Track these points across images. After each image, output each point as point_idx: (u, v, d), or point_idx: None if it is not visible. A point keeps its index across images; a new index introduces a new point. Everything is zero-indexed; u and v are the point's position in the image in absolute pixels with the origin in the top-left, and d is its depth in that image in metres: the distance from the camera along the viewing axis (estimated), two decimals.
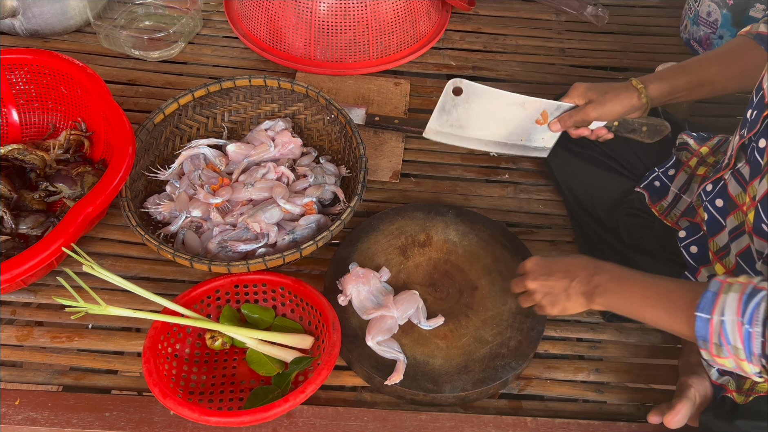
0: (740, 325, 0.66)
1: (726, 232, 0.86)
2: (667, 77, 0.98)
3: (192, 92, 1.14)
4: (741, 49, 0.95)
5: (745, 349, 0.66)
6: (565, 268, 0.86)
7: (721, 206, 0.87)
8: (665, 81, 0.98)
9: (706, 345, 0.69)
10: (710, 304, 0.68)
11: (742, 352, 0.67)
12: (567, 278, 0.85)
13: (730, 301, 0.67)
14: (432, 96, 1.37)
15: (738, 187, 0.84)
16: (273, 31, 1.36)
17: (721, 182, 0.87)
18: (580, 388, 0.98)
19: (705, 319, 0.68)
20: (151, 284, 1.05)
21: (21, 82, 1.14)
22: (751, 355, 0.66)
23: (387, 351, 0.93)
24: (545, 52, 1.47)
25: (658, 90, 0.97)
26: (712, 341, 0.68)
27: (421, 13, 1.40)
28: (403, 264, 1.05)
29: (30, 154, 1.09)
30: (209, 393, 0.92)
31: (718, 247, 0.88)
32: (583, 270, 0.84)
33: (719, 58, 0.97)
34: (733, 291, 0.68)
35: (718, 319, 0.67)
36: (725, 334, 0.67)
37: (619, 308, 0.81)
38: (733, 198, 0.85)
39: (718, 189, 0.87)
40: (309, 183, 1.09)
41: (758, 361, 0.66)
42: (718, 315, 0.67)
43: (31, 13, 1.33)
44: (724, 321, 0.67)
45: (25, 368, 0.96)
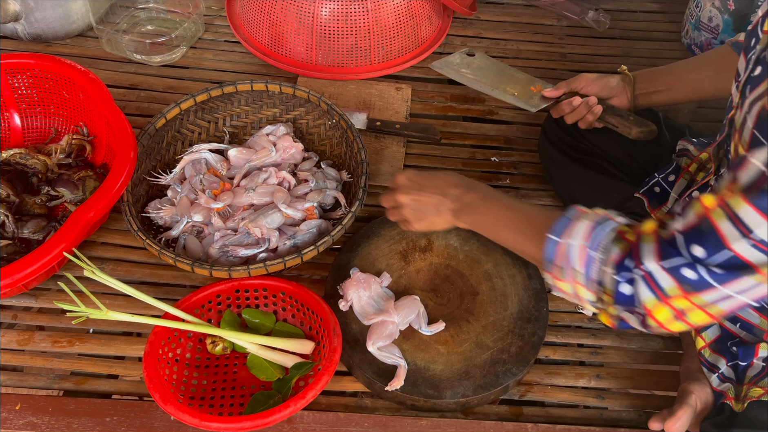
0: (585, 250, 0.69)
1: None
2: (651, 71, 1.07)
3: (194, 97, 1.14)
4: (718, 54, 1.03)
5: (585, 273, 0.69)
6: (438, 184, 0.89)
7: None
8: (647, 73, 1.07)
9: (549, 267, 0.73)
10: (563, 228, 0.72)
11: (580, 276, 0.70)
12: (439, 194, 0.88)
13: (581, 227, 0.71)
14: (433, 101, 1.37)
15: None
16: (275, 36, 1.36)
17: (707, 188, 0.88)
18: (581, 394, 0.98)
19: (555, 241, 0.71)
20: (152, 289, 1.05)
21: (23, 86, 1.14)
22: (588, 281, 0.70)
23: (388, 356, 0.93)
24: (546, 57, 1.47)
25: (640, 77, 1.06)
26: (556, 264, 0.71)
27: (423, 18, 1.40)
28: (404, 269, 1.05)
29: (32, 158, 1.09)
30: (209, 398, 0.92)
31: None
32: (456, 188, 0.88)
33: (696, 61, 1.07)
34: (586, 219, 0.71)
35: (567, 243, 0.70)
36: (570, 257, 0.70)
37: (481, 227, 0.85)
38: None
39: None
40: (310, 188, 1.09)
41: (593, 287, 0.70)
42: (568, 238, 0.70)
43: (33, 17, 1.33)
44: (572, 245, 0.70)
45: (25, 373, 0.97)
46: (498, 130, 1.33)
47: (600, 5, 1.59)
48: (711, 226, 0.62)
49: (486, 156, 1.28)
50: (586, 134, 1.11)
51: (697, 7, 1.43)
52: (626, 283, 0.67)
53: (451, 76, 1.21)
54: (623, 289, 0.68)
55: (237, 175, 1.11)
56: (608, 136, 1.10)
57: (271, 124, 1.19)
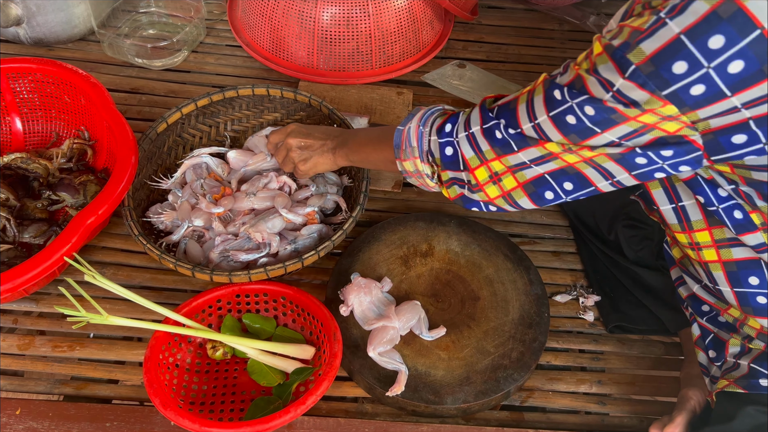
0: (417, 128, 0.84)
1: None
2: None
3: (195, 101, 1.14)
4: None
5: (418, 147, 0.83)
6: (323, 130, 1.01)
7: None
8: None
9: (398, 153, 0.86)
10: (408, 120, 0.86)
11: (416, 151, 0.84)
12: (324, 138, 1.00)
13: (418, 114, 0.85)
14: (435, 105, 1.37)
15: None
16: (276, 41, 1.36)
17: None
18: (582, 400, 0.98)
19: (400, 130, 0.85)
20: (153, 293, 1.05)
21: (25, 90, 1.14)
22: (422, 152, 0.84)
23: (388, 362, 0.93)
24: (548, 61, 1.47)
25: None
26: (402, 147, 0.85)
27: (424, 23, 1.40)
28: (405, 274, 1.05)
29: (33, 162, 1.09)
30: (210, 403, 0.91)
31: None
32: (339, 133, 1.00)
33: None
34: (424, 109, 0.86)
35: (407, 127, 0.85)
36: (409, 137, 0.84)
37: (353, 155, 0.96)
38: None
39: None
40: (311, 192, 1.09)
41: (426, 158, 0.84)
42: (408, 124, 0.85)
43: (35, 21, 1.33)
44: (410, 128, 0.84)
45: (26, 377, 0.96)
46: None
47: (601, 10, 1.59)
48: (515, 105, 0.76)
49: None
50: None
51: None
52: (449, 146, 0.81)
53: (443, 88, 1.23)
54: (447, 151, 0.81)
55: (233, 180, 1.11)
56: None
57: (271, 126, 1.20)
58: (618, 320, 1.03)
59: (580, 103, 0.68)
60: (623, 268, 1.05)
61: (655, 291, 1.02)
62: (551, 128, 0.72)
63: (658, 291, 1.02)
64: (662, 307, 1.01)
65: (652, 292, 1.03)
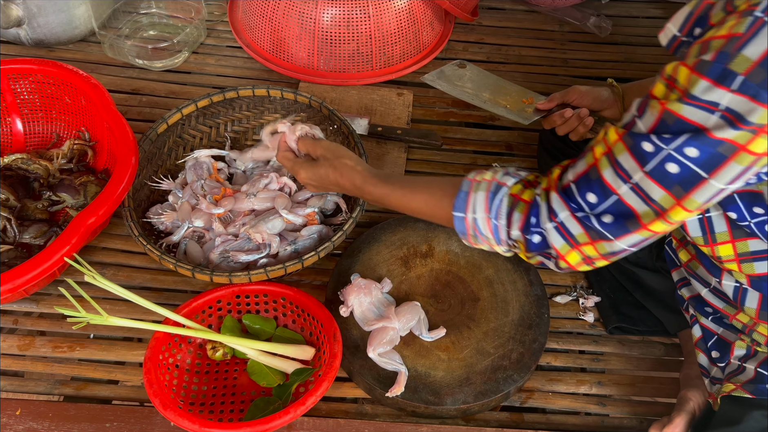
0: (489, 221, 0.77)
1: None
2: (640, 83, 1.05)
3: (195, 102, 1.14)
4: None
5: (494, 237, 0.78)
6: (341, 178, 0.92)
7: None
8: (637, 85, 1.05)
9: (465, 236, 0.80)
10: (464, 203, 0.78)
11: (492, 240, 0.78)
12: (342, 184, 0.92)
13: (479, 200, 0.77)
14: (435, 107, 1.37)
15: None
16: (276, 42, 1.37)
17: None
18: (582, 401, 0.98)
19: (461, 217, 0.79)
20: (153, 294, 1.05)
21: (25, 91, 1.15)
22: (500, 241, 0.78)
23: (388, 363, 0.93)
24: (548, 62, 1.47)
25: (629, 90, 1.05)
26: (469, 233, 0.79)
27: (425, 24, 1.40)
28: (405, 275, 1.05)
29: (34, 163, 1.09)
30: (210, 404, 0.91)
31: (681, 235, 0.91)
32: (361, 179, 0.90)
33: None
34: (481, 190, 0.78)
35: (472, 217, 0.78)
36: (478, 228, 0.78)
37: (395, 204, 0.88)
38: None
39: None
40: (311, 193, 1.09)
41: (505, 244, 0.78)
42: (471, 213, 0.78)
43: (36, 22, 1.34)
44: (476, 219, 0.78)
45: (26, 378, 0.96)
46: (499, 136, 1.33)
47: (602, 11, 1.59)
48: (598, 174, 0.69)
49: (487, 161, 1.28)
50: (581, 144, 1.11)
51: None
52: (535, 235, 0.75)
53: (443, 89, 1.20)
54: (534, 240, 0.75)
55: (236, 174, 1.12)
56: None
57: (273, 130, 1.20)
58: (618, 321, 1.03)
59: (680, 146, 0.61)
60: (623, 270, 1.05)
61: (655, 292, 1.02)
62: (651, 185, 0.64)
63: (658, 292, 1.02)
64: (662, 308, 1.01)
65: (652, 293, 1.03)
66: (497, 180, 0.78)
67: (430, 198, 0.84)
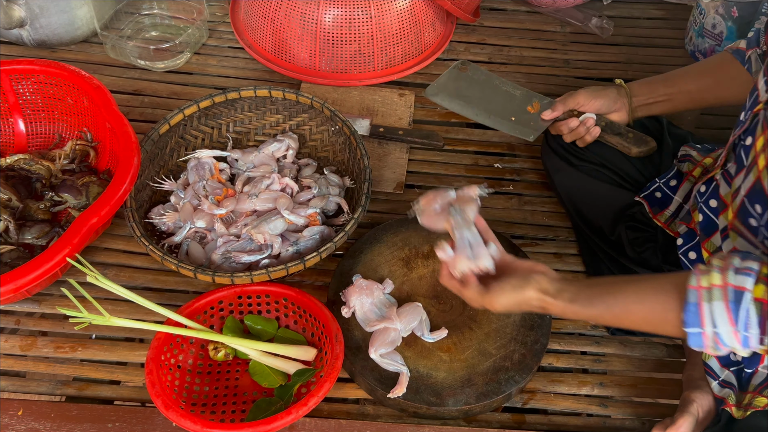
0: (737, 333, 0.67)
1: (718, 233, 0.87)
2: (649, 81, 1.06)
3: (197, 103, 1.14)
4: (718, 62, 1.02)
5: (742, 346, 0.68)
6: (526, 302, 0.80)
7: (714, 206, 0.88)
8: (645, 84, 1.05)
9: (701, 348, 0.70)
10: (696, 317, 0.68)
11: (740, 348, 0.68)
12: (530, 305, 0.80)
13: (719, 312, 0.67)
14: (436, 107, 1.37)
15: (726, 187, 0.85)
16: (278, 42, 1.37)
17: (713, 183, 0.88)
18: (584, 402, 0.98)
19: (697, 333, 0.68)
20: (155, 294, 1.05)
21: (28, 92, 1.15)
22: (748, 347, 0.68)
23: (390, 363, 0.93)
24: (550, 63, 1.47)
25: (638, 89, 1.05)
26: (707, 345, 0.69)
27: (426, 25, 1.40)
28: (407, 276, 1.05)
29: (36, 164, 1.09)
30: (212, 404, 0.92)
31: (714, 248, 0.88)
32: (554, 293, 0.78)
33: (696, 70, 1.05)
34: (715, 299, 0.67)
35: (712, 331, 0.67)
36: (722, 341, 0.68)
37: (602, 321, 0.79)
38: (722, 198, 0.87)
39: (711, 189, 0.89)
40: (313, 194, 1.09)
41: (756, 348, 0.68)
42: (710, 327, 0.67)
43: (38, 23, 1.34)
44: (719, 333, 0.67)
45: (28, 378, 0.97)
46: (501, 137, 1.33)
47: (603, 12, 1.59)
48: None
49: (489, 162, 1.28)
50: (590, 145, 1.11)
51: (701, 14, 1.43)
52: None
53: (445, 105, 1.15)
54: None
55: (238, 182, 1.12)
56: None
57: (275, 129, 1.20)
58: None
59: None
60: (626, 270, 1.04)
61: None
62: None
63: None
64: None
65: None
66: (733, 285, 0.67)
67: (650, 314, 0.72)
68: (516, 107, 1.13)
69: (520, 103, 1.13)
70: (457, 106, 1.14)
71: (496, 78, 1.16)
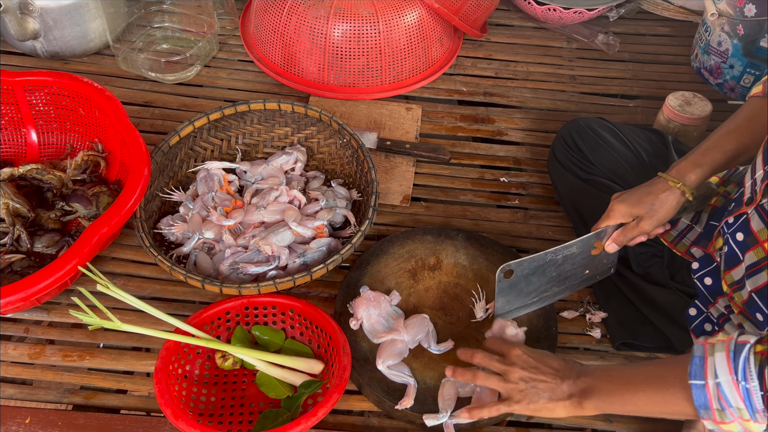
0: (736, 384, 0.65)
1: (743, 267, 0.84)
2: (703, 162, 0.92)
3: (207, 115, 1.16)
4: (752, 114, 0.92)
5: (747, 408, 0.65)
6: (554, 366, 0.82)
7: (741, 240, 0.85)
8: (702, 168, 0.92)
9: (708, 414, 0.68)
10: (701, 369, 0.68)
11: (745, 412, 0.66)
12: (558, 378, 0.80)
13: (720, 362, 0.67)
14: (443, 121, 1.38)
15: (761, 223, 0.82)
16: (287, 56, 1.38)
17: (743, 216, 0.85)
18: (588, 417, 0.97)
19: (700, 385, 0.67)
20: (163, 304, 1.06)
21: (41, 103, 1.16)
22: (755, 413, 0.65)
23: (397, 375, 0.93)
24: (556, 79, 1.49)
25: (697, 180, 0.92)
26: (713, 407, 0.67)
27: (434, 40, 1.42)
28: (414, 287, 1.05)
29: (48, 173, 1.11)
30: (218, 415, 0.92)
31: (732, 281, 0.87)
32: (576, 374, 0.81)
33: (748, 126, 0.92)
34: (717, 351, 0.68)
35: (714, 383, 0.67)
36: (724, 396, 0.66)
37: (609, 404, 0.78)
38: (755, 233, 0.83)
39: (740, 223, 0.85)
40: (320, 206, 1.10)
41: (763, 418, 0.65)
42: (712, 378, 0.67)
43: (52, 35, 1.36)
44: (720, 383, 0.66)
45: (35, 386, 0.97)
46: (507, 151, 1.33)
47: (610, 28, 1.60)
48: None
49: (495, 176, 1.29)
50: (596, 156, 1.11)
51: (707, 31, 1.44)
52: None
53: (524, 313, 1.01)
54: None
55: (246, 193, 1.13)
56: (617, 158, 1.10)
57: (283, 143, 1.21)
58: (624, 337, 1.03)
59: None
60: (631, 284, 1.05)
61: (663, 308, 1.02)
62: None
63: (666, 308, 1.02)
64: (669, 324, 1.01)
65: (659, 309, 1.03)
66: (735, 339, 0.68)
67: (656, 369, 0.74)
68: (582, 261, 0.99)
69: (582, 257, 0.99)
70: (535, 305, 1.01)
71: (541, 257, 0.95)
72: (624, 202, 0.93)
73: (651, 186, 0.93)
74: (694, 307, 0.94)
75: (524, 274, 0.93)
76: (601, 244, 0.95)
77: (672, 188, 0.91)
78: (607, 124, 1.15)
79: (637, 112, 1.42)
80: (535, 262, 0.93)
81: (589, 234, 0.94)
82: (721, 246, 0.88)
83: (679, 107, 1.24)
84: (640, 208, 0.92)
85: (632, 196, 0.93)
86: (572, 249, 0.93)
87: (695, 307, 0.94)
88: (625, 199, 0.93)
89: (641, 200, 0.92)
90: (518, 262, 0.91)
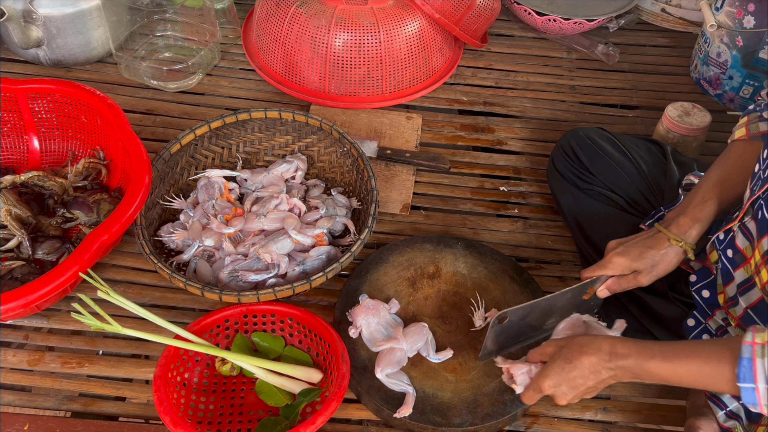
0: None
1: (734, 284, 0.85)
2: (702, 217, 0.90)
3: (208, 123, 1.16)
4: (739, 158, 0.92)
5: None
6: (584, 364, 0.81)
7: (731, 257, 0.85)
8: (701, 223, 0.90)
9: (756, 408, 0.70)
10: (749, 372, 0.69)
11: None
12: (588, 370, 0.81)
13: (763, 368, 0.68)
14: (443, 130, 1.38)
15: (745, 241, 0.83)
16: (289, 65, 1.39)
17: (730, 233, 0.86)
18: (587, 427, 0.97)
19: (750, 389, 0.69)
20: (162, 311, 1.06)
21: (43, 110, 1.17)
22: None
23: (396, 383, 0.93)
24: (556, 89, 1.49)
25: (697, 236, 0.91)
26: (761, 404, 0.70)
27: (434, 50, 1.42)
28: (413, 296, 1.05)
29: (49, 180, 1.11)
30: (217, 423, 0.92)
31: (727, 297, 0.87)
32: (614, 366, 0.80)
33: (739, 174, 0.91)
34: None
35: (764, 387, 0.68)
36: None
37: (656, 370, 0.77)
38: (741, 250, 0.84)
39: (728, 239, 0.86)
40: (320, 215, 1.10)
41: None
42: (763, 383, 0.68)
43: (55, 43, 1.37)
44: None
45: (34, 393, 0.97)
46: (507, 160, 1.34)
47: (609, 39, 1.61)
48: None
49: (495, 186, 1.29)
50: (595, 166, 1.12)
51: (706, 42, 1.44)
52: None
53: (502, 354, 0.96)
54: None
55: (246, 201, 1.13)
56: (617, 168, 1.10)
57: (284, 152, 1.21)
58: None
59: None
60: (631, 295, 1.05)
61: (663, 319, 1.02)
62: None
63: (666, 319, 1.02)
64: (669, 335, 1.01)
65: (659, 320, 1.03)
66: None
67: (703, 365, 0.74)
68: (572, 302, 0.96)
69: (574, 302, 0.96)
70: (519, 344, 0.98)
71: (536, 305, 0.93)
72: (624, 255, 0.91)
73: (651, 240, 0.91)
74: (693, 318, 0.94)
75: (518, 318, 0.92)
76: (593, 290, 0.95)
77: (668, 242, 0.90)
78: (607, 134, 1.16)
79: (636, 122, 1.43)
80: (530, 308, 0.92)
81: (583, 282, 0.93)
82: (716, 260, 0.89)
83: (678, 118, 1.25)
84: (641, 263, 0.90)
85: (632, 250, 0.91)
86: (567, 295, 0.93)
87: (693, 317, 0.94)
88: (625, 253, 0.91)
89: (642, 255, 0.90)
90: (514, 310, 0.90)
